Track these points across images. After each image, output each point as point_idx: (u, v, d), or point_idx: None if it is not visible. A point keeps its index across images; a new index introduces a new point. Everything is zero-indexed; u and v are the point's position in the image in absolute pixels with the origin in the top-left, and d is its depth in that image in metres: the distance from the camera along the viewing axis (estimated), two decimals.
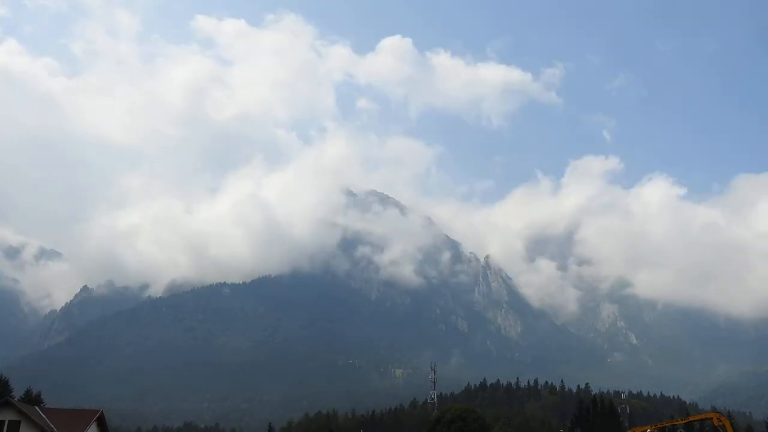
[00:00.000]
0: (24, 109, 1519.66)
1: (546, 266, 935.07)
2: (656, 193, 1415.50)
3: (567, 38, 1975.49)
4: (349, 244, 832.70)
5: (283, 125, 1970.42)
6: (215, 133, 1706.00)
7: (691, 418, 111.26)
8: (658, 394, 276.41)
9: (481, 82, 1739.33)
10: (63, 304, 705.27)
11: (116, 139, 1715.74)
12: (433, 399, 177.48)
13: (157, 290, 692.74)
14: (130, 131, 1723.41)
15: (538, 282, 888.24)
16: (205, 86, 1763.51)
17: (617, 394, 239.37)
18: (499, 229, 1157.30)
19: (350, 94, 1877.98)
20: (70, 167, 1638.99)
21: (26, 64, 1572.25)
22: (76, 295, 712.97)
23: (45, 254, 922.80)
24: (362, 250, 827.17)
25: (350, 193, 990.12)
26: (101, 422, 71.29)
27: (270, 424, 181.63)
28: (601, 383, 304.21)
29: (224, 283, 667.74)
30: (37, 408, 71.37)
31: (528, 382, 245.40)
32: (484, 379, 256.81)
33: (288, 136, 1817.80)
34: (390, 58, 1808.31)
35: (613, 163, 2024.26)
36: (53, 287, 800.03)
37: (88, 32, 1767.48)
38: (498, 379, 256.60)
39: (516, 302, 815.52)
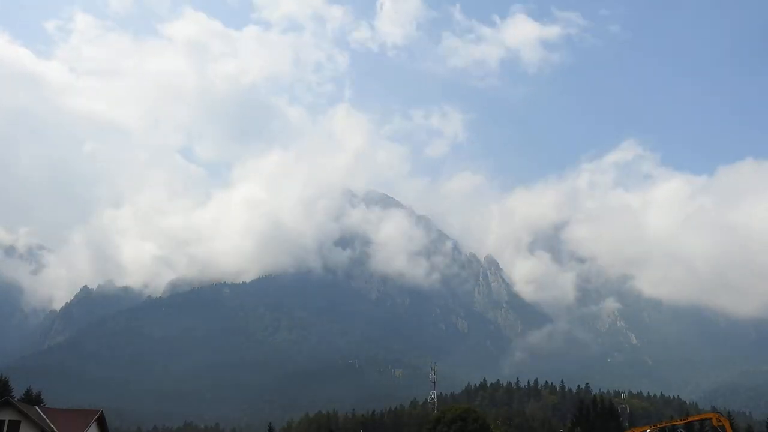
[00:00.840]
0: (17, 99, 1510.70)
1: (546, 265, 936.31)
2: (659, 191, 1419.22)
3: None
4: (349, 243, 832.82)
5: (289, 99, 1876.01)
6: (218, 114, 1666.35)
7: (690, 419, 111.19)
8: (658, 394, 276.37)
9: (508, 42, 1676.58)
10: (63, 304, 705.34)
11: (114, 126, 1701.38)
12: (433, 399, 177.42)
13: (157, 290, 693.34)
14: (128, 115, 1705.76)
15: (538, 281, 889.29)
16: (204, 56, 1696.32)
17: (617, 394, 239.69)
18: (502, 226, 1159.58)
19: (361, 61, 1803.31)
20: (70, 163, 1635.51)
21: (10, 49, 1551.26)
22: (76, 295, 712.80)
23: (45, 254, 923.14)
24: (362, 250, 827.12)
25: (351, 193, 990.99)
26: (101, 422, 71.26)
27: (270, 424, 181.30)
28: (601, 383, 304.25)
29: (224, 283, 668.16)
30: (37, 408, 71.32)
31: (528, 382, 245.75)
32: (484, 379, 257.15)
33: (293, 113, 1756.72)
34: (396, 18, 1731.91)
35: (632, 153, 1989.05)
36: (53, 287, 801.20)
37: (71, 11, 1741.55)
38: (498, 379, 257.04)
39: (516, 302, 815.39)
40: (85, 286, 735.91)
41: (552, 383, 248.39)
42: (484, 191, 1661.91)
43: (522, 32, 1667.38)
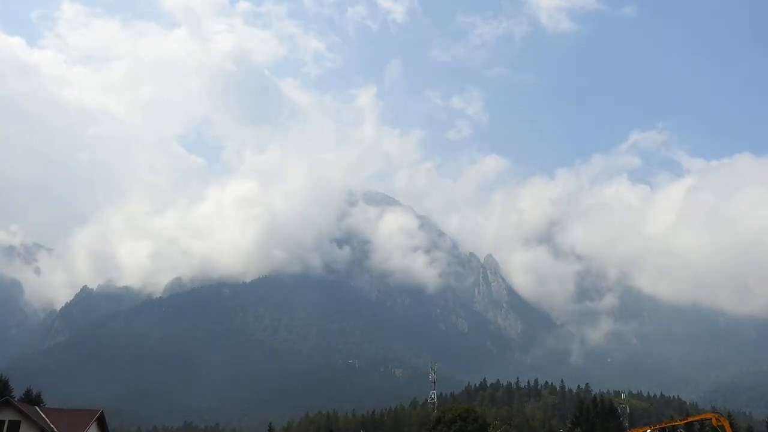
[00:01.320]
0: (7, 90, 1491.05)
1: (547, 264, 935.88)
2: (659, 189, 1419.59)
3: None
4: (349, 243, 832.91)
5: (290, 82, 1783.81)
6: (218, 96, 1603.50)
7: (690, 419, 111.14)
8: (658, 394, 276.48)
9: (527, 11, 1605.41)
10: (63, 304, 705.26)
11: (108, 116, 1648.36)
12: (433, 399, 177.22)
13: (157, 290, 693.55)
14: (123, 104, 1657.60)
15: (538, 281, 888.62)
16: (198, 30, 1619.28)
17: (617, 394, 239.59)
18: (502, 225, 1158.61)
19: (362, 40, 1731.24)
20: (67, 159, 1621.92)
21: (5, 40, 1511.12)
22: (76, 295, 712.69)
23: (44, 254, 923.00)
24: (362, 250, 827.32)
25: (351, 193, 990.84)
26: (101, 422, 71.29)
27: (270, 424, 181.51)
28: (601, 383, 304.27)
29: (224, 283, 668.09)
30: (37, 408, 71.38)
31: (528, 382, 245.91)
32: (484, 379, 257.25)
33: (295, 98, 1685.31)
34: None
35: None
36: (53, 287, 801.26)
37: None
38: (498, 379, 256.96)
39: (516, 302, 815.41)
40: (85, 286, 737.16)
41: (552, 383, 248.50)
42: (485, 189, 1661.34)
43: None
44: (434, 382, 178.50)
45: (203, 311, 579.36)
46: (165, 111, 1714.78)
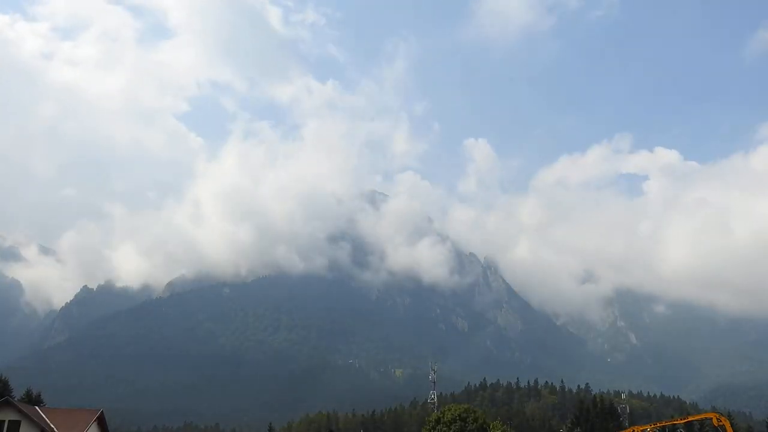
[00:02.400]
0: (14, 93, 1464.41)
1: (547, 264, 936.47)
2: (658, 190, 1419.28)
3: None
4: (349, 244, 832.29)
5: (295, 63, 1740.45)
6: (220, 59, 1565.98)
7: (690, 418, 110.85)
8: (658, 394, 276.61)
9: None
10: (63, 304, 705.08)
11: (102, 98, 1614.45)
12: (433, 399, 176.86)
13: (157, 290, 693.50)
14: (115, 81, 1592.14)
15: (538, 280, 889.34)
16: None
17: (617, 394, 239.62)
18: (502, 226, 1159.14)
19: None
20: (65, 152, 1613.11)
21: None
22: (76, 295, 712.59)
23: (44, 254, 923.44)
24: (363, 250, 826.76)
25: (351, 193, 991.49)
26: (101, 422, 71.30)
27: (270, 424, 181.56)
28: (601, 383, 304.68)
29: (224, 283, 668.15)
30: (37, 408, 71.35)
31: (528, 382, 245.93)
32: (484, 379, 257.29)
33: (298, 87, 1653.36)
34: None
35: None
36: (53, 287, 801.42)
37: None
38: (498, 379, 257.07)
39: (516, 302, 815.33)
40: (85, 286, 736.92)
41: (552, 383, 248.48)
42: (485, 190, 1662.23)
43: None
44: (434, 382, 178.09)
45: (203, 311, 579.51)
46: (159, 84, 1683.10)
